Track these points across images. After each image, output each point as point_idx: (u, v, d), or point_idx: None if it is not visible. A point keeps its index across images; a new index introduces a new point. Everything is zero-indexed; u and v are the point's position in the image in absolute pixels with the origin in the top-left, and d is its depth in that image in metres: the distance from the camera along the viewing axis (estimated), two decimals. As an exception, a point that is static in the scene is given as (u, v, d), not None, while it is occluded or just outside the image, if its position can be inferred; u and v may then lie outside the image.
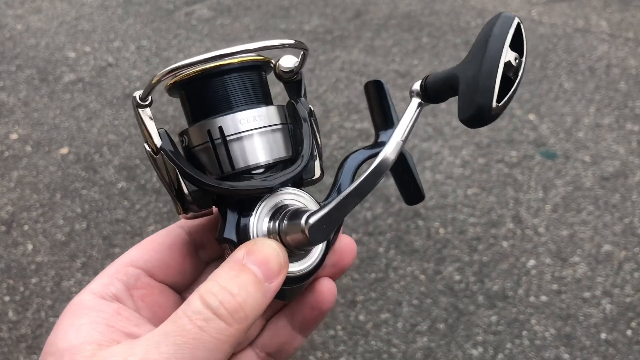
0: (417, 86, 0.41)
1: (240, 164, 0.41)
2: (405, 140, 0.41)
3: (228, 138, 0.41)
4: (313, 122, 0.45)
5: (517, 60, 0.36)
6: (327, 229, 0.38)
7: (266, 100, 0.44)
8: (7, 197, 1.93)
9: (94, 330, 0.37)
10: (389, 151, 0.40)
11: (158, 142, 0.40)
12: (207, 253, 0.46)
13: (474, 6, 3.15)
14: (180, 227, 0.45)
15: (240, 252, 0.38)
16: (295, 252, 0.41)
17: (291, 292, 0.44)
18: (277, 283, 0.37)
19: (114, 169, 2.04)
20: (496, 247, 1.65)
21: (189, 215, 0.42)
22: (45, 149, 2.15)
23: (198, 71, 0.42)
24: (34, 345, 1.47)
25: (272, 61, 0.45)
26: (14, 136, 2.23)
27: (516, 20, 0.37)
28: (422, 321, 1.47)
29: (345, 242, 0.46)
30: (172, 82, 0.43)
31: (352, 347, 1.43)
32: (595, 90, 2.35)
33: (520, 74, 0.37)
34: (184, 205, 0.41)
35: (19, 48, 2.89)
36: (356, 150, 0.47)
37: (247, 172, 0.42)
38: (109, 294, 0.41)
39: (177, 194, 0.41)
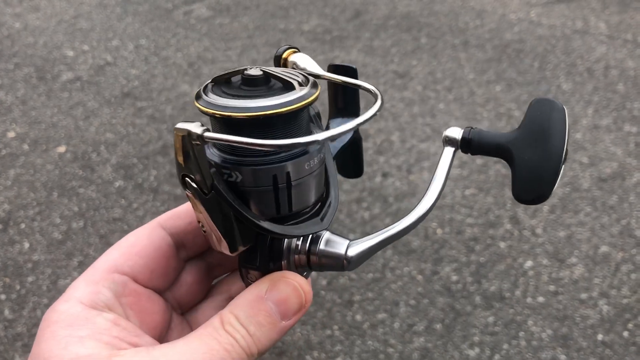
0: (455, 134, 0.42)
1: (296, 206, 0.40)
2: (442, 189, 0.44)
3: (292, 184, 0.39)
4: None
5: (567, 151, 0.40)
6: (363, 261, 0.40)
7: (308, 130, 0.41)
8: (4, 195, 1.93)
9: (100, 342, 0.35)
10: (429, 203, 0.43)
11: (209, 179, 0.36)
12: (186, 252, 0.45)
13: (473, 7, 3.15)
14: (161, 226, 0.44)
15: (263, 285, 0.38)
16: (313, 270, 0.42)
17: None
18: (294, 320, 0.38)
19: (111, 168, 2.03)
20: (493, 248, 1.65)
21: (234, 254, 0.40)
22: (42, 148, 2.15)
23: (245, 117, 0.36)
24: (30, 344, 1.46)
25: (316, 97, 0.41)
26: (11, 134, 2.23)
27: (567, 113, 0.40)
28: (419, 321, 1.47)
29: None
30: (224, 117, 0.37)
31: (349, 347, 1.42)
32: (593, 91, 2.35)
33: (564, 160, 0.40)
34: (232, 245, 0.39)
35: (17, 46, 2.88)
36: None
37: (298, 213, 0.41)
38: (100, 303, 0.39)
39: (226, 234, 0.38)
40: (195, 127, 0.34)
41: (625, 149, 2.01)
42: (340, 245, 0.40)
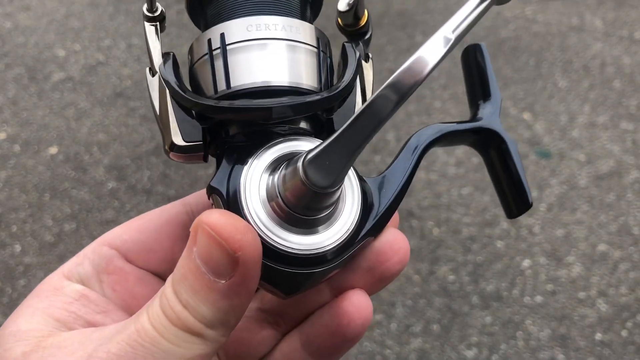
0: None
1: (238, 81, 0.31)
2: (456, 40, 0.29)
3: (230, 47, 0.31)
4: (364, 70, 0.35)
5: None
6: (332, 168, 0.27)
7: (303, 16, 0.34)
8: (-5, 197, 1.90)
9: (49, 317, 0.32)
10: (428, 47, 0.28)
11: (158, 61, 0.33)
12: None
13: (467, 4, 3.14)
14: (182, 204, 0.37)
15: (192, 231, 0.29)
16: (300, 214, 0.29)
17: (294, 283, 0.30)
18: (239, 277, 0.27)
19: (104, 169, 2.01)
20: (490, 247, 1.64)
21: (174, 154, 0.33)
22: (34, 149, 2.12)
23: None
24: (22, 349, 1.44)
25: None
26: (2, 135, 2.20)
27: None
28: (416, 322, 1.45)
29: (392, 238, 0.34)
30: None
31: (345, 349, 1.41)
32: (589, 88, 2.34)
33: None
34: (170, 137, 0.32)
35: (7, 46, 2.85)
36: (436, 124, 0.35)
37: (249, 96, 0.31)
38: (75, 275, 0.35)
39: (164, 123, 0.32)
40: (145, 5, 0.32)
41: (622, 147, 2.00)
42: (301, 156, 0.29)
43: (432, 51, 0.29)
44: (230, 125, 0.33)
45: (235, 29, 0.31)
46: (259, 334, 0.36)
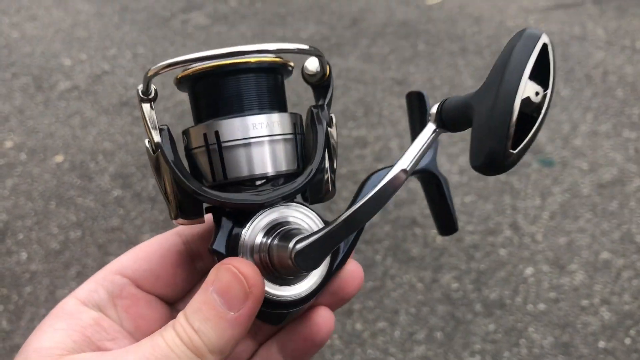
0: (433, 109, 0.36)
1: (233, 173, 0.38)
2: (411, 170, 0.36)
3: (225, 145, 0.38)
4: (331, 133, 0.41)
5: (539, 95, 0.30)
6: (316, 258, 0.35)
7: (279, 106, 0.41)
8: (1, 205, 1.92)
9: (68, 338, 0.37)
10: (388, 179, 0.35)
11: (157, 138, 0.38)
12: (204, 263, 0.44)
13: (470, 14, 3.16)
14: (177, 234, 0.44)
15: (211, 275, 0.36)
16: (284, 276, 0.38)
17: (279, 317, 0.40)
18: (245, 310, 0.35)
19: (109, 177, 2.03)
20: (493, 255, 1.65)
21: (179, 221, 0.39)
22: (40, 157, 2.14)
23: (209, 67, 0.38)
24: (27, 356, 1.45)
25: (291, 64, 0.42)
26: (8, 144, 2.22)
27: (542, 41, 0.31)
28: (419, 330, 1.46)
29: (351, 269, 0.42)
30: (180, 75, 0.40)
31: (349, 356, 1.41)
32: (592, 97, 2.35)
33: (543, 112, 0.31)
34: (174, 210, 0.39)
35: (14, 55, 2.88)
36: (382, 169, 0.43)
37: (242, 183, 0.39)
38: (92, 301, 0.40)
39: (169, 198, 0.39)
40: (140, 87, 0.39)
41: (625, 155, 2.01)
42: (292, 239, 0.36)
43: (391, 180, 0.36)
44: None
45: (228, 129, 0.38)
46: (242, 344, 0.44)
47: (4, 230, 1.82)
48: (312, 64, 0.41)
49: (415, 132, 0.45)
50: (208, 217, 0.41)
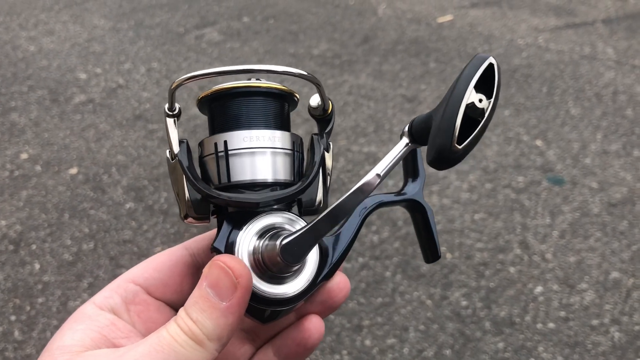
0: (406, 127, 0.42)
1: (236, 177, 0.44)
2: (384, 175, 0.41)
3: (231, 152, 0.44)
4: (327, 156, 0.47)
5: (482, 102, 0.36)
6: (300, 252, 0.40)
7: (282, 126, 0.46)
8: (15, 216, 1.94)
9: (87, 336, 0.41)
10: (365, 180, 0.41)
11: (177, 149, 0.45)
12: None
13: (481, 32, 3.18)
14: (185, 248, 0.49)
15: (204, 271, 0.41)
16: (275, 274, 0.42)
17: (269, 315, 0.45)
18: (236, 299, 0.39)
19: (122, 190, 2.05)
20: (503, 273, 1.65)
21: (189, 220, 0.45)
22: (54, 169, 2.17)
23: (225, 88, 0.45)
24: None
25: (297, 96, 0.47)
26: (24, 156, 2.26)
27: (488, 61, 0.37)
28: (428, 347, 1.46)
29: (338, 280, 0.47)
30: (201, 96, 0.46)
31: (358, 372, 1.41)
32: (602, 116, 2.35)
33: (487, 116, 0.37)
34: (182, 208, 0.45)
35: (31, 69, 2.93)
36: (375, 194, 0.48)
37: (243, 187, 0.44)
38: (108, 306, 0.44)
39: (181, 199, 0.45)
40: (167, 105, 0.46)
41: (635, 174, 2.01)
42: (279, 237, 0.41)
43: (367, 182, 0.40)
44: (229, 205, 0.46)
45: (236, 139, 0.44)
46: (241, 348, 0.49)
47: (17, 241, 1.84)
48: (314, 100, 0.47)
49: (405, 171, 0.52)
50: (210, 234, 0.47)
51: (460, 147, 0.36)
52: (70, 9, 3.73)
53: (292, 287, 0.43)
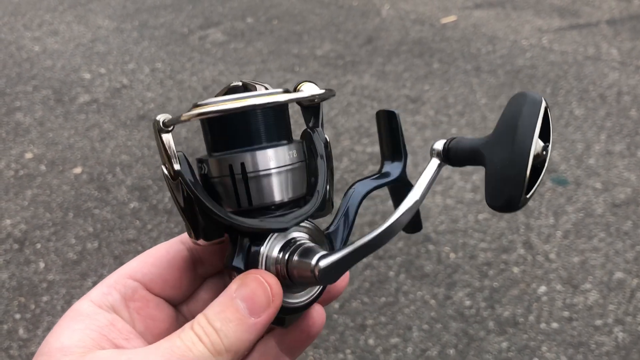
0: (439, 146, 0.42)
1: (257, 200, 0.42)
2: (421, 200, 0.41)
3: (248, 175, 0.41)
4: (327, 156, 0.45)
5: (544, 151, 0.37)
6: (336, 274, 0.39)
7: (287, 136, 0.44)
8: (20, 215, 1.95)
9: (87, 336, 0.39)
10: (404, 209, 0.40)
11: (177, 166, 0.40)
12: (205, 268, 0.47)
13: (484, 33, 3.18)
14: (181, 242, 0.47)
15: (234, 284, 0.39)
16: (296, 285, 0.42)
17: (289, 320, 0.45)
18: (265, 317, 0.38)
19: (126, 189, 2.06)
20: (507, 273, 1.65)
21: (201, 242, 0.42)
22: (59, 169, 2.18)
23: (235, 109, 0.41)
24: (44, 364, 1.47)
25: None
26: (28, 155, 2.27)
27: (544, 105, 0.38)
28: (432, 346, 1.46)
29: None
30: (205, 114, 0.43)
31: (362, 371, 1.42)
32: (606, 117, 2.35)
33: (547, 163, 0.38)
34: (196, 232, 0.42)
35: (35, 69, 2.94)
36: (362, 179, 0.48)
37: (265, 209, 0.42)
38: (107, 303, 0.42)
39: (190, 220, 0.41)
40: (160, 117, 0.40)
41: (639, 175, 2.01)
42: (313, 256, 0.39)
43: (407, 211, 0.41)
44: None
45: (253, 160, 0.42)
46: None
47: (22, 240, 1.85)
48: (310, 90, 0.45)
49: (384, 151, 0.49)
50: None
51: (527, 196, 0.37)
52: (74, 10, 3.74)
53: (305, 297, 0.43)
